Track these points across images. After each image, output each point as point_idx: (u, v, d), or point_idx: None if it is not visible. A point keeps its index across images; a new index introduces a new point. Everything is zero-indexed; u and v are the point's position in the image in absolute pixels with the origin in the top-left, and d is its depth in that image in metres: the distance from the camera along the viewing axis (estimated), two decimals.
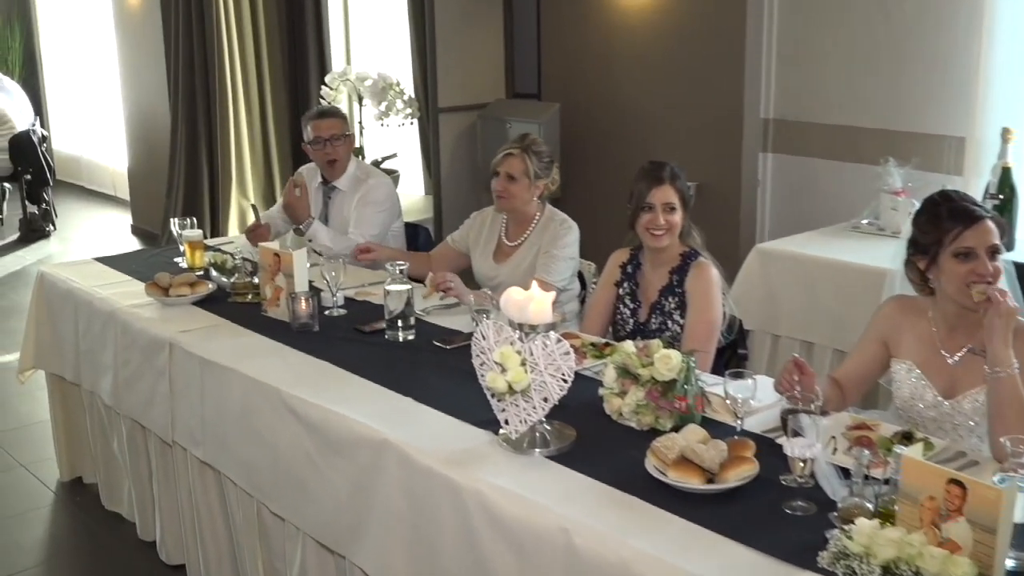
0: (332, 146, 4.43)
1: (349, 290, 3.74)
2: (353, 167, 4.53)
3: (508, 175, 3.78)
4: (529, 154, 3.76)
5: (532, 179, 3.76)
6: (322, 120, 4.45)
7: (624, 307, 3.41)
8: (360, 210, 4.40)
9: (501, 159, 3.81)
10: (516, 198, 3.79)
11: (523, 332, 2.40)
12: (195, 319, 3.52)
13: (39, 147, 9.02)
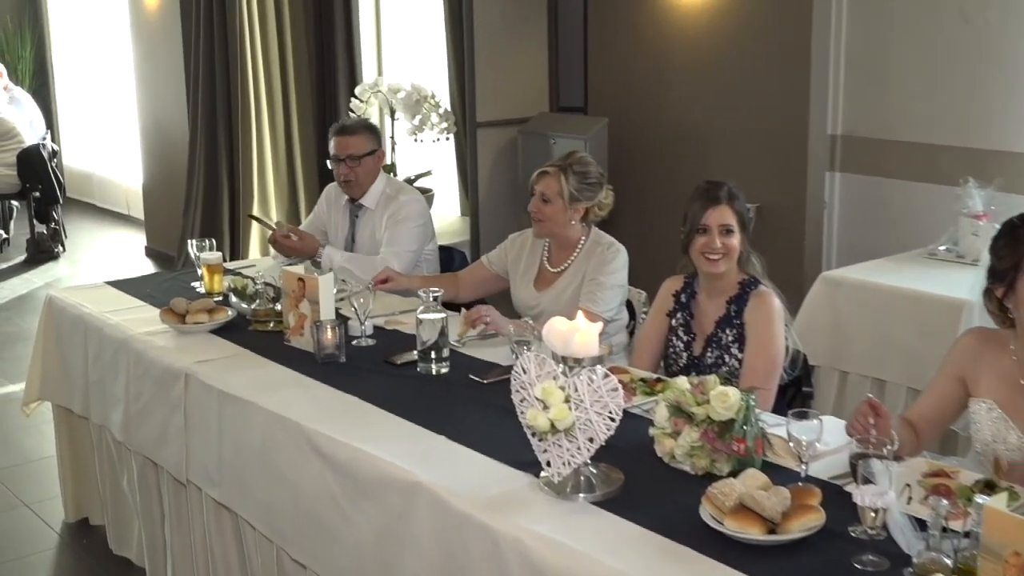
0: (347, 166, 4.46)
1: (378, 318, 3.76)
2: (382, 183, 4.57)
3: (542, 195, 3.79)
4: (567, 173, 3.77)
5: (568, 201, 3.76)
6: (339, 137, 4.49)
7: (677, 339, 3.40)
8: (392, 228, 4.42)
9: (536, 177, 3.83)
10: (550, 221, 3.79)
11: (567, 366, 2.40)
12: (213, 348, 3.55)
13: (49, 163, 9.12)
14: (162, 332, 3.73)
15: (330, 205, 4.74)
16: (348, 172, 4.46)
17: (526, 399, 2.44)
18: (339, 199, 4.67)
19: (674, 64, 5.82)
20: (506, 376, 2.85)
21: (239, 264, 4.85)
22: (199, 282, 4.25)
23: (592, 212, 3.83)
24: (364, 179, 4.50)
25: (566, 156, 3.85)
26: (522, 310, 3.93)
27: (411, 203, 4.47)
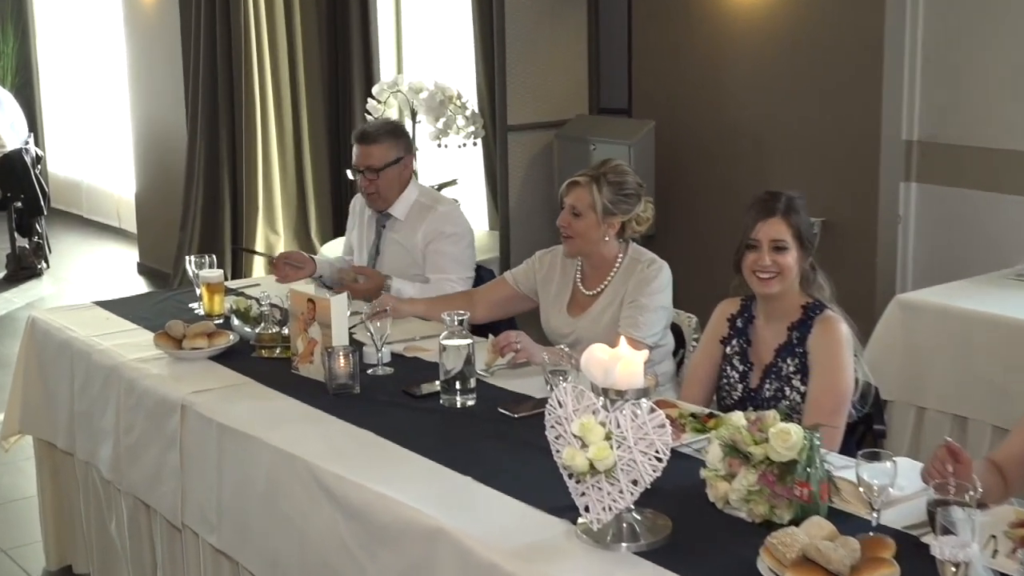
0: (366, 178, 4.49)
1: (397, 344, 3.77)
2: (414, 192, 4.59)
3: (572, 209, 3.79)
4: (600, 184, 3.77)
5: (601, 214, 3.76)
6: (358, 146, 4.50)
7: (732, 369, 3.39)
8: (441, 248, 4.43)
9: (565, 189, 3.84)
10: (581, 237, 3.80)
11: (608, 399, 2.40)
12: (212, 377, 3.57)
13: (32, 169, 9.19)
14: (156, 358, 3.75)
15: (355, 215, 4.79)
16: (369, 184, 4.48)
17: (562, 436, 2.44)
18: (363, 210, 4.71)
19: (729, 61, 5.82)
20: (539, 410, 2.85)
21: (242, 283, 4.88)
22: (197, 303, 4.28)
23: (629, 227, 3.83)
24: (388, 191, 4.51)
25: (599, 164, 3.86)
26: (555, 339, 3.93)
27: (454, 215, 4.51)
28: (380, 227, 4.62)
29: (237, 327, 3.92)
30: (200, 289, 4.21)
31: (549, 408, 2.48)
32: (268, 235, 8.04)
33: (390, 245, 4.58)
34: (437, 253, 4.46)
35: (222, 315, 4.13)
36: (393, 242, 4.57)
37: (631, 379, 2.40)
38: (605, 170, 3.80)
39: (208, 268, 4.25)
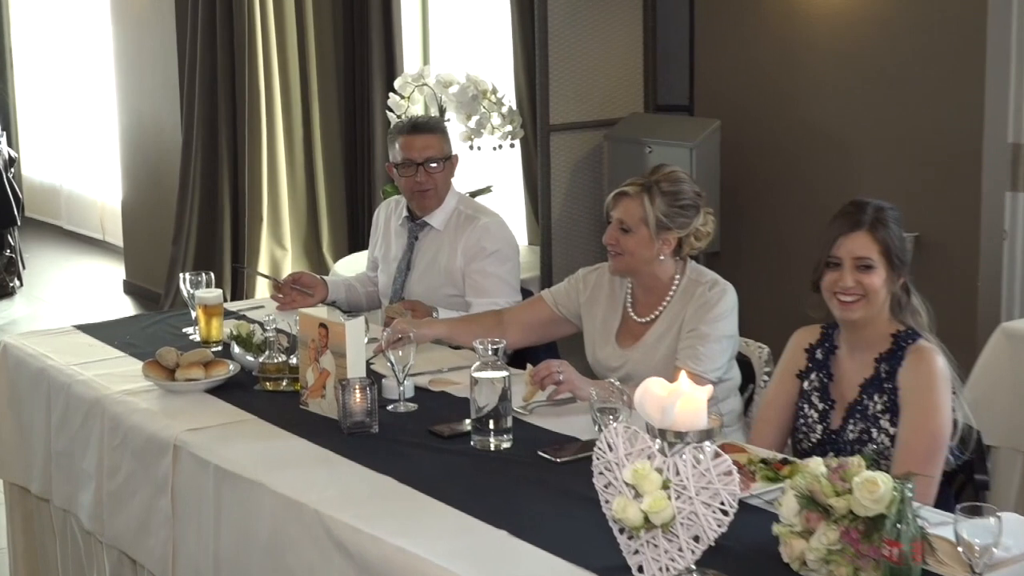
0: (426, 172, 4.52)
1: (422, 376, 3.77)
2: (453, 200, 4.63)
3: (620, 223, 3.79)
4: (652, 193, 3.75)
5: (654, 229, 3.76)
6: (415, 136, 4.55)
7: (810, 408, 3.37)
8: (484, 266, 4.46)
9: (612, 200, 3.83)
10: (632, 256, 3.79)
11: (666, 442, 2.39)
12: (209, 413, 3.59)
13: (4, 174, 9.24)
14: (145, 391, 3.77)
15: (380, 226, 4.82)
16: (427, 179, 4.53)
17: (612, 484, 2.43)
18: (395, 216, 4.73)
19: (808, 52, 5.81)
20: (586, 454, 2.84)
21: (244, 305, 4.90)
22: (192, 327, 4.30)
23: (687, 243, 3.82)
24: (443, 188, 4.59)
25: (652, 171, 3.84)
26: (603, 372, 3.92)
27: (498, 229, 4.55)
28: (412, 238, 4.64)
29: (238, 356, 3.94)
30: (195, 312, 4.23)
31: (597, 452, 2.47)
32: (273, 250, 8.06)
33: (424, 259, 4.60)
34: (480, 273, 4.48)
35: (220, 342, 4.15)
36: (427, 256, 4.59)
37: (692, 419, 2.39)
38: (658, 178, 3.79)
39: (205, 287, 4.27)
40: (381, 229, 4.82)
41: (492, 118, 6.79)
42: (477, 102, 6.71)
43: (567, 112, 6.46)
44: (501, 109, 6.82)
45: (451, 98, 6.78)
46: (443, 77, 6.84)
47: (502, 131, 6.82)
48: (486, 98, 6.79)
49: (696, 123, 6.17)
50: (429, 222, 4.60)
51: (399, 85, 6.95)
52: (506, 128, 6.83)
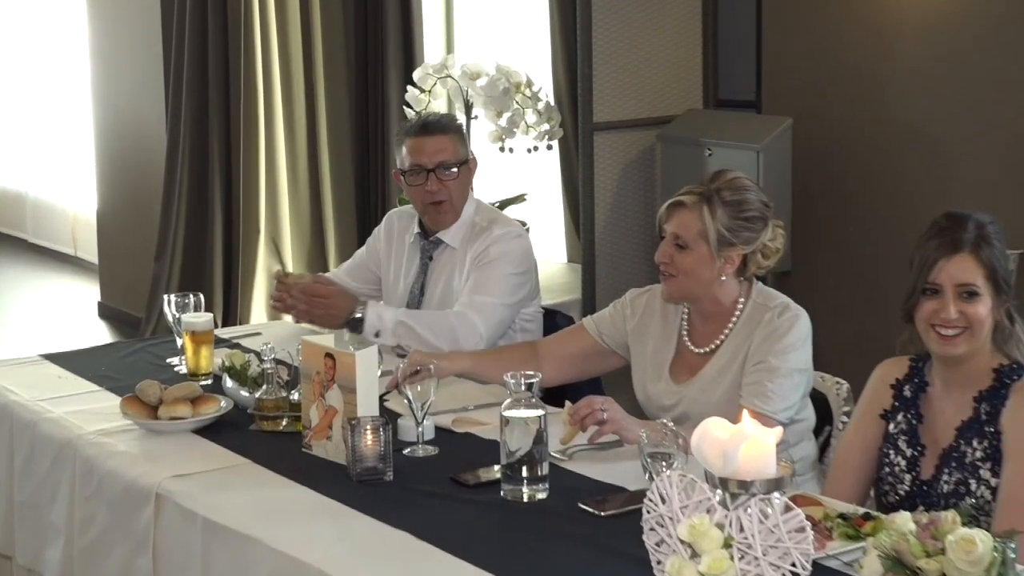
0: (439, 179, 4.50)
1: (443, 415, 3.77)
2: (471, 210, 4.61)
3: (675, 239, 3.77)
4: (713, 204, 3.73)
5: (715, 246, 3.74)
6: (426, 138, 4.53)
7: (897, 454, 3.36)
8: (478, 273, 4.46)
9: (666, 212, 3.81)
10: (688, 277, 3.77)
11: (728, 493, 2.38)
12: (197, 456, 3.58)
13: None
14: (123, 431, 3.77)
15: (391, 239, 4.79)
16: (440, 188, 4.50)
17: (665, 542, 2.42)
18: (405, 232, 4.72)
19: (898, 40, 5.80)
20: (634, 507, 2.83)
21: (238, 331, 4.91)
22: (178, 358, 4.31)
23: (753, 262, 3.81)
24: (460, 199, 4.56)
25: (711, 178, 3.82)
26: (654, 411, 3.91)
27: (508, 238, 4.51)
28: (426, 258, 4.64)
29: (230, 390, 3.94)
30: (182, 339, 4.24)
31: (648, 504, 2.46)
32: (272, 267, 8.06)
33: (439, 282, 4.60)
34: (478, 272, 4.46)
35: (211, 374, 4.16)
36: (443, 279, 4.59)
37: (759, 466, 2.38)
38: (719, 185, 3.78)
39: (193, 311, 4.28)
40: (383, 245, 4.79)
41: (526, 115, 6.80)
42: (509, 96, 6.72)
43: (613, 108, 6.46)
44: (537, 105, 6.83)
45: (479, 92, 6.79)
46: (469, 68, 6.85)
47: (538, 130, 6.84)
48: (519, 92, 6.80)
49: (764, 121, 6.17)
50: (443, 239, 4.59)
51: (419, 77, 6.97)
52: (543, 127, 6.84)
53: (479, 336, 4.32)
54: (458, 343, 4.25)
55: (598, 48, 6.37)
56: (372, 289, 4.84)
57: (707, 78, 6.61)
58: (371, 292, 4.83)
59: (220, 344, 4.43)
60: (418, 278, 4.64)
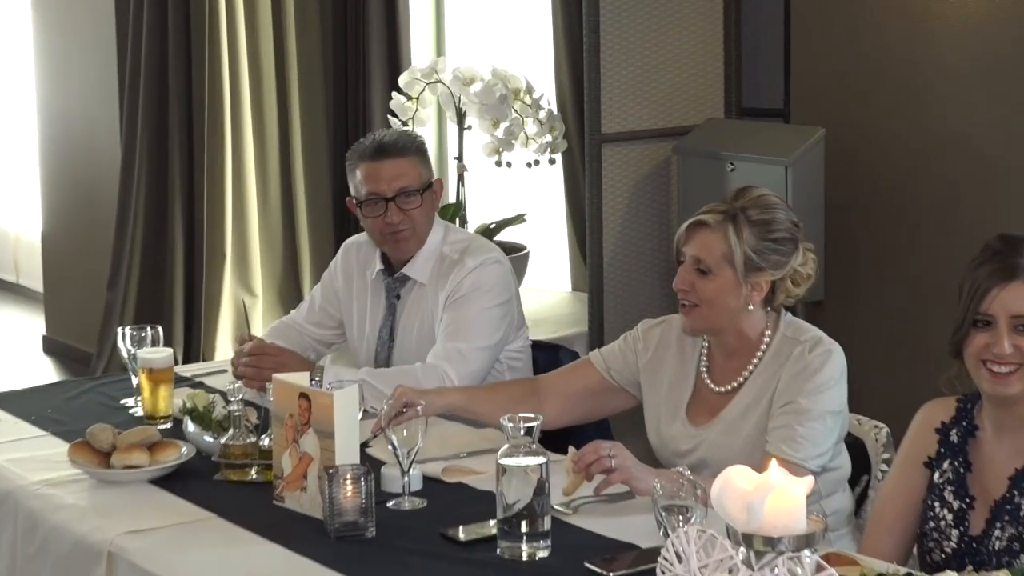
0: (400, 208, 4.49)
1: (432, 463, 3.77)
2: (438, 238, 4.61)
3: (696, 263, 3.78)
4: (739, 224, 3.74)
5: (742, 271, 3.75)
6: (382, 162, 4.51)
7: (943, 507, 3.36)
8: (452, 313, 4.45)
9: (685, 233, 3.81)
10: (710, 306, 3.77)
11: (753, 551, 2.39)
12: (155, 510, 3.58)
13: None
14: (72, 481, 3.77)
15: (350, 276, 4.79)
16: (402, 219, 4.49)
17: None
18: (366, 267, 4.70)
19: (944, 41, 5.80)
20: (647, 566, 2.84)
21: (200, 368, 4.92)
22: (134, 398, 4.31)
23: (781, 289, 3.82)
24: (424, 227, 4.55)
25: (735, 195, 3.83)
26: (669, 456, 3.92)
27: (483, 269, 4.51)
28: (392, 298, 4.64)
29: (192, 435, 3.94)
30: (138, 377, 4.24)
31: (662, 563, 2.47)
32: (240, 297, 8.06)
33: (410, 324, 4.59)
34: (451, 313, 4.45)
35: (170, 417, 4.16)
36: (414, 320, 4.58)
37: (787, 521, 2.38)
38: (744, 203, 3.78)
39: (150, 346, 4.28)
40: (341, 283, 4.77)
41: (526, 125, 6.81)
42: (507, 104, 6.73)
43: (624, 118, 6.47)
44: (538, 114, 6.84)
45: (473, 99, 6.80)
46: (462, 72, 6.86)
47: (539, 142, 6.84)
48: (518, 99, 6.81)
49: (793, 132, 6.18)
50: (410, 275, 4.58)
51: (405, 83, 6.98)
52: (544, 138, 6.85)
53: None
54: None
55: (607, 50, 6.37)
56: (336, 335, 4.82)
57: (729, 83, 6.61)
58: (335, 339, 4.82)
59: (180, 383, 4.43)
60: (386, 321, 4.63)
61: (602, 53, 6.36)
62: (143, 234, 8.18)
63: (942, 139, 5.84)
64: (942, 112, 5.84)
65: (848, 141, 6.07)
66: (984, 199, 5.72)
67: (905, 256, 5.98)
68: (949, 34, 5.79)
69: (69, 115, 9.17)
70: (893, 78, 5.98)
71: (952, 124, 5.81)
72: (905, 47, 5.92)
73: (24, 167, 10.37)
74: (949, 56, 5.80)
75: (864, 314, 5.98)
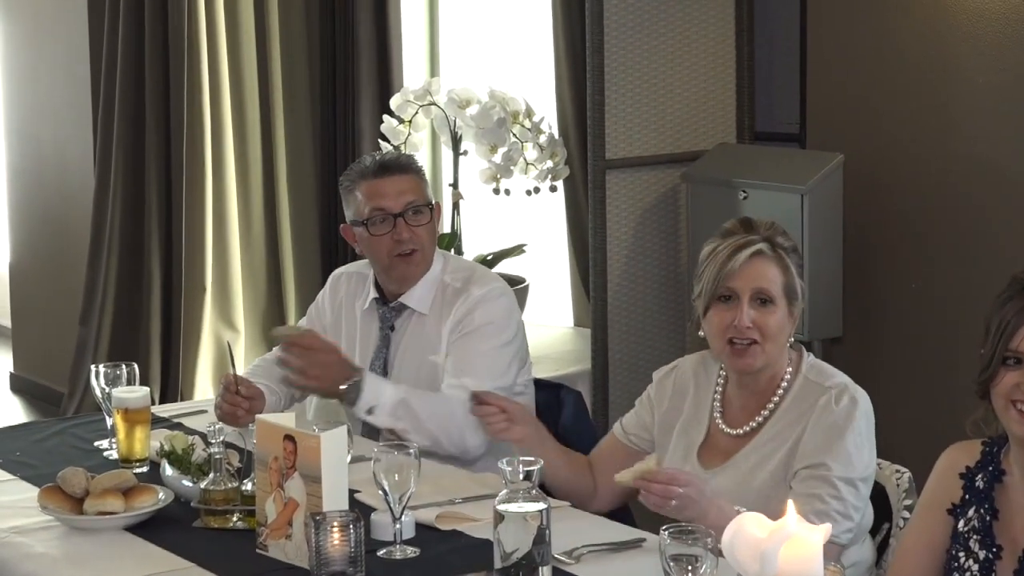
0: (409, 225, 4.52)
1: (426, 509, 3.78)
2: (438, 266, 4.63)
3: (758, 294, 3.78)
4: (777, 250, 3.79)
5: (793, 304, 3.79)
6: (386, 179, 4.55)
7: (968, 557, 3.36)
8: (463, 345, 4.47)
9: (741, 265, 3.78)
10: (773, 343, 3.78)
11: None
12: (131, 559, 3.58)
13: None
14: (43, 528, 3.77)
15: (337, 307, 4.80)
16: (412, 236, 4.52)
17: None
18: (356, 297, 4.71)
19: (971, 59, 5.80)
20: None
21: (179, 408, 4.92)
22: (108, 440, 4.32)
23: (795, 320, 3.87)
24: (430, 250, 4.58)
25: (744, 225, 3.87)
26: None
27: (490, 299, 4.52)
28: (387, 329, 4.65)
29: (170, 479, 3.95)
30: (113, 418, 4.24)
31: None
32: (220, 331, 8.05)
33: (407, 358, 4.61)
34: (459, 349, 4.47)
35: (146, 460, 4.16)
36: (412, 353, 4.60)
37: (803, 571, 2.39)
38: (768, 232, 3.82)
39: (125, 384, 4.29)
40: (329, 315, 4.78)
41: (526, 150, 6.81)
42: (505, 128, 6.74)
43: (630, 143, 6.47)
44: (538, 138, 6.84)
45: (469, 123, 6.80)
46: (458, 94, 6.86)
47: (539, 168, 6.85)
48: (517, 123, 6.81)
49: (810, 158, 6.17)
50: (408, 304, 4.59)
51: (396, 105, 6.98)
52: (545, 164, 6.86)
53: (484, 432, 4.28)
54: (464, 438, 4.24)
55: (611, 71, 6.37)
56: None
57: (742, 107, 6.61)
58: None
59: (158, 424, 4.44)
60: (379, 354, 4.64)
61: (606, 74, 6.35)
62: (118, 265, 8.18)
63: (967, 165, 5.85)
64: (967, 136, 5.84)
65: (868, 167, 6.07)
66: (1013, 228, 5.72)
67: (929, 290, 5.97)
68: (973, 54, 5.79)
69: (39, 137, 9.17)
70: (915, 100, 5.98)
71: (978, 149, 5.81)
72: (927, 68, 5.92)
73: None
74: (974, 77, 5.81)
75: (885, 351, 5.98)
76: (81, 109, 8.56)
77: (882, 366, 5.83)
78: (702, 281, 3.84)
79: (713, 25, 6.52)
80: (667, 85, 6.47)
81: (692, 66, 6.52)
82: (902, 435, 4.06)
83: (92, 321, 8.31)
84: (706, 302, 3.83)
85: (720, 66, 6.58)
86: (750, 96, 6.62)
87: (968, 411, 3.41)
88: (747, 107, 6.62)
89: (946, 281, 5.91)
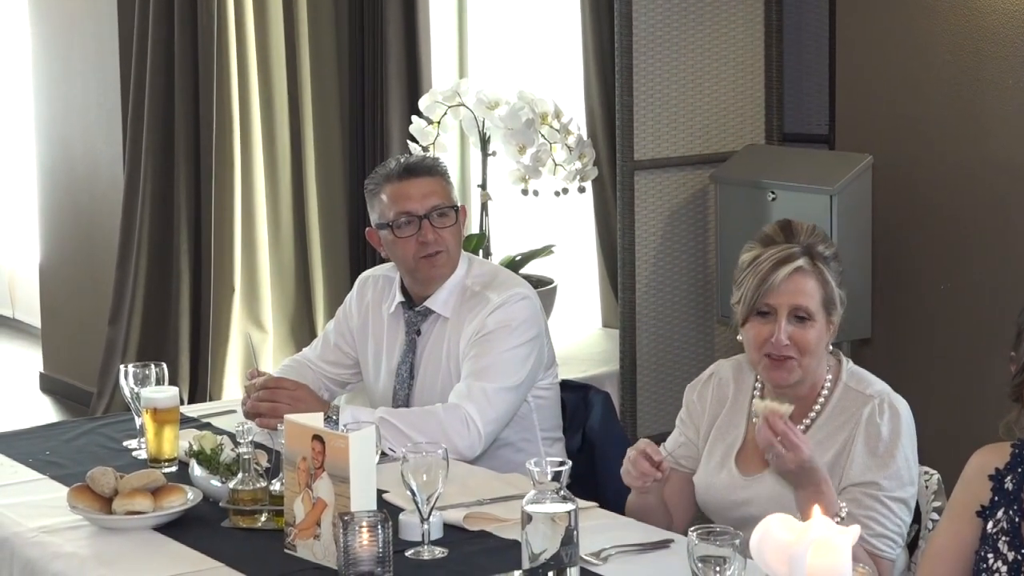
0: (435, 228, 4.52)
1: (453, 510, 3.77)
2: (462, 270, 4.63)
3: (796, 311, 3.75)
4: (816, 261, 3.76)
5: (832, 314, 3.77)
6: (411, 181, 4.55)
7: (997, 559, 3.34)
8: (478, 350, 4.46)
9: (781, 281, 3.74)
10: (812, 358, 3.76)
11: None
12: (159, 559, 3.58)
13: None
14: (71, 527, 3.77)
15: (364, 311, 4.80)
16: (437, 238, 4.51)
17: None
18: (382, 301, 4.71)
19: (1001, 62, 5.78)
20: None
21: (207, 408, 4.92)
22: (137, 440, 4.32)
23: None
24: (456, 252, 4.58)
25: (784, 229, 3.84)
26: (717, 509, 3.92)
27: (507, 304, 4.52)
28: (413, 333, 4.64)
29: (199, 479, 3.95)
30: (142, 418, 4.25)
31: None
32: (248, 331, 8.05)
33: (431, 361, 4.60)
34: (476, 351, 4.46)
35: (175, 460, 4.17)
36: (436, 357, 4.59)
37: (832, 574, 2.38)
38: (810, 240, 3.79)
39: (155, 385, 4.29)
40: (356, 319, 4.79)
41: (554, 151, 6.81)
42: (534, 129, 6.73)
43: (658, 144, 6.46)
44: (567, 139, 6.84)
45: (498, 124, 6.80)
46: (486, 95, 6.85)
47: (568, 169, 6.84)
48: (546, 124, 6.80)
49: (839, 159, 6.16)
50: (433, 308, 4.59)
51: (425, 106, 6.98)
52: (574, 165, 6.85)
53: (475, 432, 4.31)
54: (451, 441, 4.21)
55: (640, 72, 6.37)
56: (351, 375, 4.84)
57: (771, 107, 6.60)
58: (350, 379, 4.83)
59: (186, 424, 4.44)
60: (405, 358, 4.63)
61: (635, 75, 6.34)
62: (147, 266, 8.18)
63: (996, 166, 5.83)
64: (996, 137, 5.82)
65: (897, 168, 6.05)
66: None
67: (959, 292, 5.95)
68: (1003, 54, 5.77)
69: (69, 140, 9.17)
70: (945, 101, 5.96)
71: (1008, 149, 5.79)
72: (956, 69, 5.90)
73: (21, 195, 10.39)
74: (1003, 79, 5.79)
75: (914, 353, 5.96)
76: (111, 111, 8.56)
77: (911, 368, 5.81)
78: (741, 289, 3.81)
79: (742, 26, 6.51)
80: (696, 86, 6.46)
81: (721, 67, 6.51)
82: (931, 437, 4.03)
83: (121, 321, 8.31)
84: (744, 314, 3.81)
85: (749, 67, 6.57)
86: (779, 97, 6.61)
87: (999, 413, 3.39)
88: (776, 108, 6.61)
89: (975, 283, 5.89)
